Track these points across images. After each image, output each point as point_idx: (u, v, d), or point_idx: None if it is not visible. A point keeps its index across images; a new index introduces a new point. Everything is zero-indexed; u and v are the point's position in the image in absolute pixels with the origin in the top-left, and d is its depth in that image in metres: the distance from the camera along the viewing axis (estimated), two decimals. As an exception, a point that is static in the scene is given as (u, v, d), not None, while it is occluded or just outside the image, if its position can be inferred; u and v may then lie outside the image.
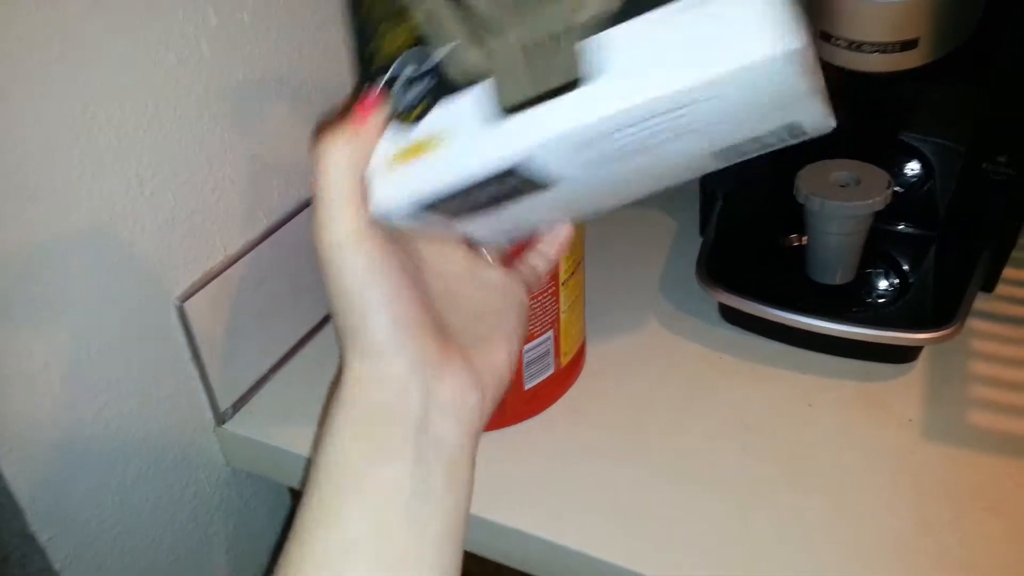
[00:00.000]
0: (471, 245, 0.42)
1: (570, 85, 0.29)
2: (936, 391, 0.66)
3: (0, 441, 0.51)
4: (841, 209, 0.64)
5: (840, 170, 0.67)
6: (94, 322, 0.55)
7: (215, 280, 0.63)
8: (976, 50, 0.60)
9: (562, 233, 0.43)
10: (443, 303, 0.39)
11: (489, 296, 0.41)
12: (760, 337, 0.70)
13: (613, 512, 0.58)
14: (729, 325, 0.72)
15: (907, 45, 0.57)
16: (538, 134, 0.30)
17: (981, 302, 0.71)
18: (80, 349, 0.55)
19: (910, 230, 0.76)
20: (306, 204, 0.71)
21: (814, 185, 0.65)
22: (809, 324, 0.65)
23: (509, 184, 0.33)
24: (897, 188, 0.65)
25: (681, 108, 0.29)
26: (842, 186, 0.66)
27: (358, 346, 0.35)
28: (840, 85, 0.66)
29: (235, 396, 0.68)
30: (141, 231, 0.57)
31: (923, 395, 0.65)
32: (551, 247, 0.43)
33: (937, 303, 0.68)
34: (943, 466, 0.60)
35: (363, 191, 0.34)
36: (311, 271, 0.72)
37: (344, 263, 0.34)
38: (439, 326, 0.37)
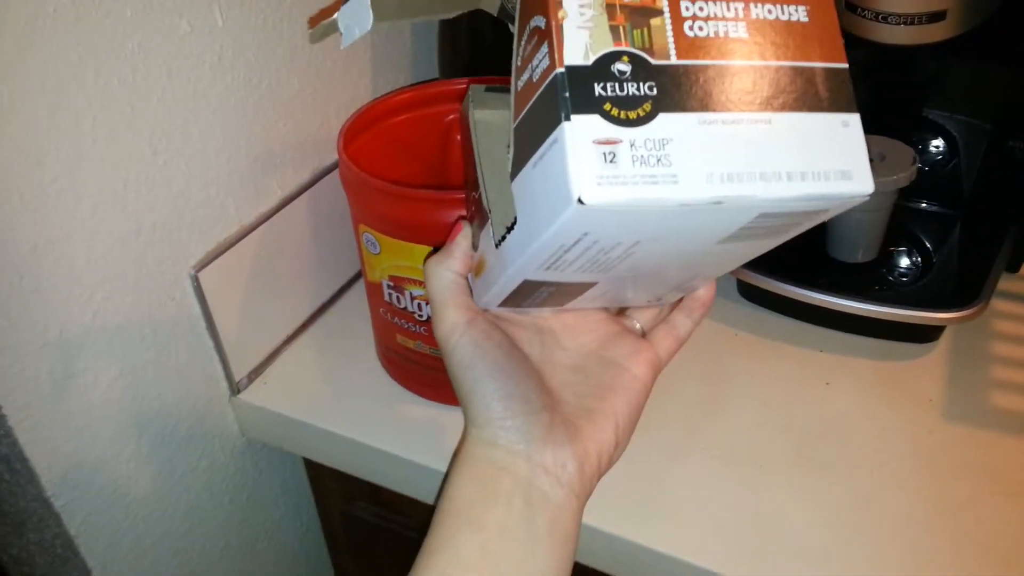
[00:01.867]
0: (620, 311, 0.47)
1: (511, 227, 0.36)
2: (958, 372, 0.65)
3: (15, 408, 0.52)
4: (863, 185, 0.63)
5: (864, 146, 0.65)
6: (108, 291, 0.55)
7: (230, 251, 0.63)
8: (1004, 26, 0.58)
9: (702, 295, 0.46)
10: (563, 376, 0.43)
11: (610, 373, 0.44)
12: (779, 315, 0.70)
13: (626, 488, 0.57)
14: (748, 302, 0.72)
15: (934, 17, 0.56)
16: (511, 262, 0.37)
17: (1005, 282, 0.70)
18: (94, 318, 0.55)
19: (934, 208, 0.74)
20: (321, 176, 0.70)
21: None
22: (829, 302, 0.64)
23: (531, 288, 0.40)
24: (921, 165, 0.63)
25: (573, 244, 0.35)
26: (865, 162, 0.64)
27: (471, 416, 0.41)
28: (865, 58, 0.65)
29: (250, 367, 0.68)
30: (155, 200, 0.57)
31: (944, 375, 0.64)
32: (692, 310, 0.46)
33: (960, 283, 0.67)
34: (963, 447, 0.59)
35: (463, 290, 0.43)
36: (326, 243, 0.72)
37: (454, 349, 0.41)
38: (549, 399, 0.42)
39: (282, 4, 0.62)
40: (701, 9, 0.34)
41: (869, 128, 0.66)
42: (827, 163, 0.33)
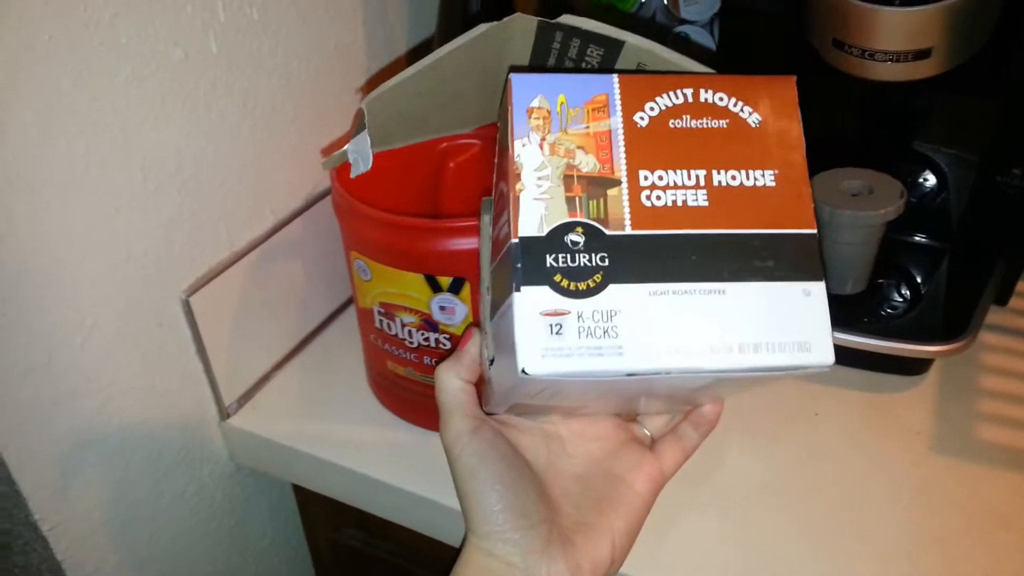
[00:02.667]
0: (628, 418, 0.47)
1: (492, 361, 0.39)
2: (946, 404, 0.65)
3: (3, 431, 0.52)
4: (853, 218, 0.63)
5: (852, 179, 0.66)
6: (98, 315, 0.55)
7: (221, 275, 0.63)
8: (990, 61, 0.59)
9: (708, 412, 0.46)
10: (565, 486, 0.44)
11: (611, 487, 0.44)
12: (768, 345, 0.70)
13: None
14: (737, 332, 0.72)
15: (921, 55, 0.56)
16: (500, 386, 0.39)
17: (994, 315, 0.70)
18: (83, 343, 0.55)
19: (923, 241, 0.75)
20: (314, 201, 0.71)
21: (825, 193, 0.65)
22: (818, 334, 0.64)
23: (529, 405, 0.41)
24: (910, 198, 0.64)
25: (541, 390, 0.36)
26: (854, 195, 0.65)
27: (471, 523, 0.42)
28: (854, 92, 0.65)
29: (240, 391, 0.68)
30: (146, 225, 0.57)
31: (932, 408, 0.65)
32: (699, 425, 0.46)
33: (949, 315, 0.67)
34: (951, 480, 0.59)
35: (470, 397, 0.43)
36: (318, 268, 0.72)
37: (458, 457, 0.42)
38: (548, 511, 0.42)
39: (278, 31, 0.62)
40: (660, 178, 0.35)
41: (858, 161, 0.67)
42: (783, 334, 0.34)
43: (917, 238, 0.75)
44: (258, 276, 0.67)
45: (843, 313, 0.67)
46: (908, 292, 0.71)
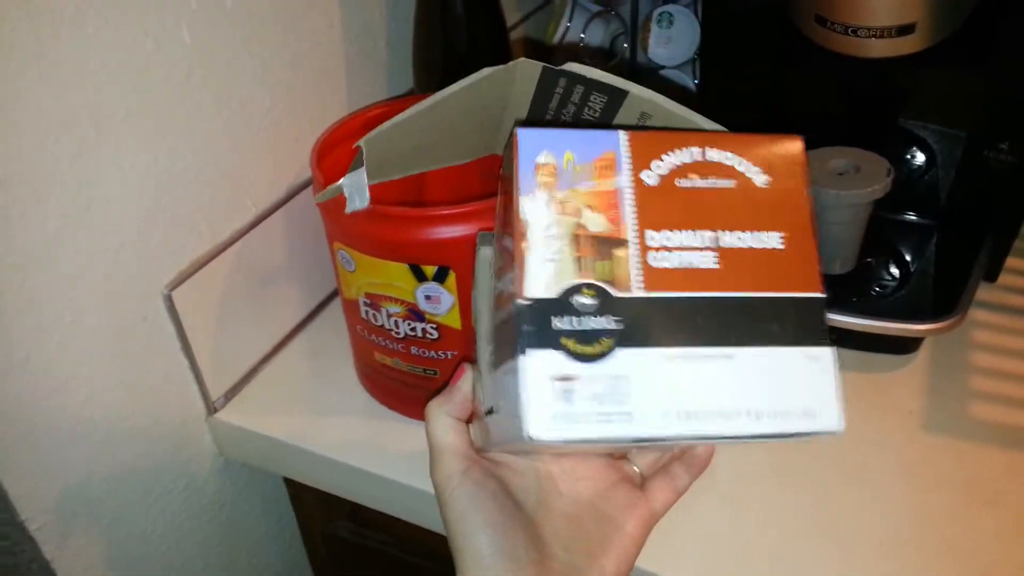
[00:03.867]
0: (617, 455, 0.46)
1: (490, 411, 0.39)
2: (937, 382, 0.65)
3: (-14, 431, 0.51)
4: (839, 197, 0.63)
5: (839, 158, 0.65)
6: (77, 313, 0.55)
7: (203, 269, 0.62)
8: (975, 35, 0.58)
9: (701, 454, 0.46)
10: (555, 526, 0.43)
11: (603, 529, 0.43)
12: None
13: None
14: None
15: (904, 30, 0.56)
16: (495, 435, 0.39)
17: (983, 292, 0.70)
18: (63, 341, 0.54)
19: (911, 219, 0.74)
20: (295, 192, 0.70)
21: (812, 172, 0.64)
22: (807, 314, 0.64)
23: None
24: (897, 176, 0.63)
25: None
26: (840, 174, 0.64)
27: (461, 565, 0.41)
28: (838, 70, 0.65)
29: (227, 385, 0.68)
30: (123, 220, 0.56)
31: (924, 386, 0.64)
32: (691, 466, 0.46)
33: (938, 293, 0.67)
34: (943, 458, 0.59)
35: (462, 435, 0.44)
36: (302, 260, 0.72)
37: (448, 499, 0.42)
38: (538, 553, 0.41)
39: (251, 20, 0.61)
40: (668, 239, 0.34)
41: (844, 140, 0.67)
42: (790, 401, 0.33)
43: (905, 216, 0.74)
44: (241, 269, 0.66)
45: (832, 293, 0.66)
46: (897, 270, 0.70)
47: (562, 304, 0.33)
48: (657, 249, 0.34)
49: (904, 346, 0.66)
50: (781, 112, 0.72)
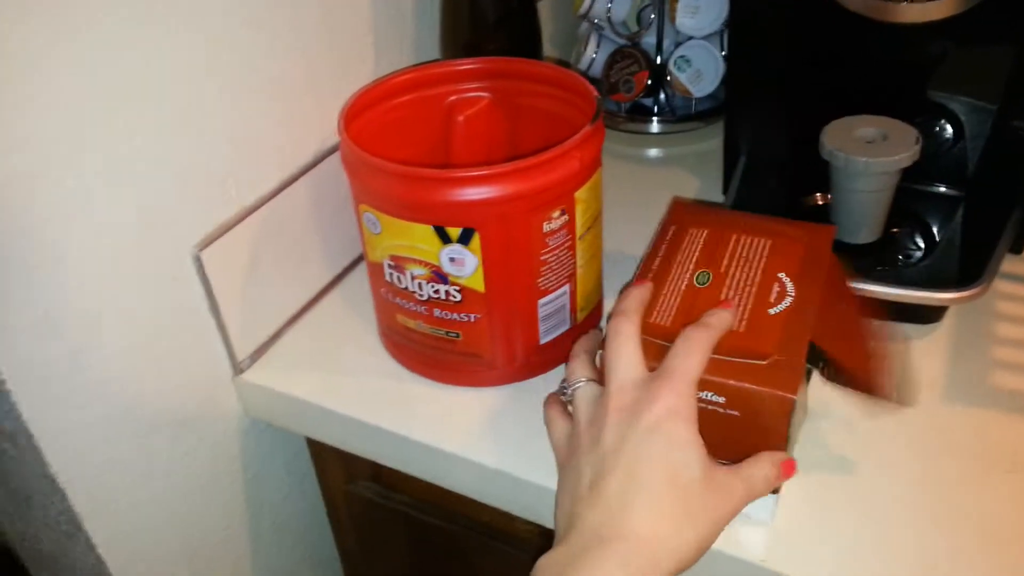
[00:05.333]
0: None
1: None
2: (960, 352, 0.64)
3: (18, 385, 0.52)
4: (867, 165, 0.63)
5: (866, 126, 0.65)
6: (108, 270, 0.56)
7: (231, 231, 0.63)
8: (1007, 3, 0.58)
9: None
10: None
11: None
12: (780, 296, 0.69)
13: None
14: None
15: (936, -7, 0.55)
16: None
17: (1009, 264, 0.69)
18: (94, 297, 0.55)
19: (938, 189, 0.74)
20: (322, 158, 0.70)
21: (839, 141, 0.64)
22: (831, 283, 0.64)
23: None
24: (925, 147, 0.63)
25: None
26: (868, 142, 0.64)
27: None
28: (868, 38, 0.64)
29: (253, 346, 0.69)
30: (155, 179, 0.57)
31: (947, 355, 0.64)
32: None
33: (964, 263, 0.67)
34: (965, 427, 0.59)
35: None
36: (328, 224, 0.72)
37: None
38: None
39: (283, -17, 0.62)
40: None
41: (873, 109, 0.66)
42: None
43: (932, 187, 0.74)
44: (268, 232, 0.67)
45: (857, 261, 0.66)
46: (923, 241, 0.70)
47: None
48: None
49: (928, 315, 0.66)
50: (809, 82, 0.72)
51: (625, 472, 0.44)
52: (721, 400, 0.48)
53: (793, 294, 0.49)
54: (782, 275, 0.51)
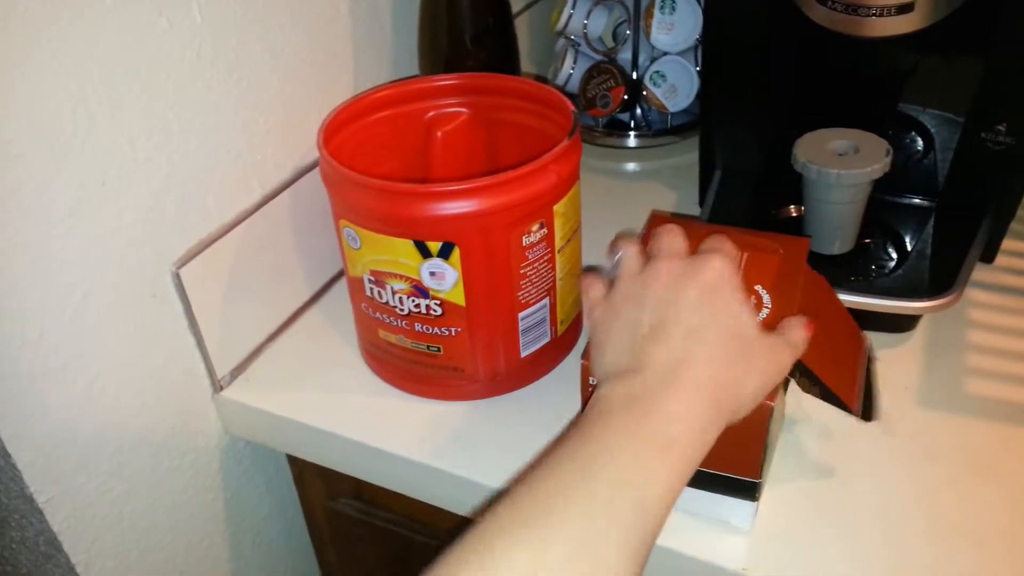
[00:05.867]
0: None
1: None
2: (934, 360, 0.66)
3: (-3, 404, 0.52)
4: (839, 177, 0.64)
5: (838, 138, 0.66)
6: (87, 289, 0.55)
7: (211, 247, 0.63)
8: (973, 17, 0.59)
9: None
10: None
11: None
12: (757, 307, 0.70)
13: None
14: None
15: (903, 8, 0.56)
16: None
17: (980, 272, 0.71)
18: (73, 316, 0.55)
19: (909, 200, 0.75)
20: (302, 173, 0.71)
21: (811, 153, 0.65)
22: (806, 293, 0.65)
23: None
24: (896, 159, 0.64)
25: None
26: (840, 154, 0.65)
27: None
28: (838, 52, 0.66)
29: (233, 363, 0.69)
30: (135, 196, 0.57)
31: (921, 364, 0.65)
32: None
33: (936, 273, 0.68)
34: (939, 434, 0.60)
35: None
36: (308, 239, 0.72)
37: None
38: None
39: (260, 1, 0.62)
40: None
41: (844, 122, 0.68)
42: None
43: (903, 198, 0.75)
44: (248, 248, 0.67)
45: (831, 272, 0.67)
46: (895, 251, 0.71)
47: None
48: None
49: (902, 324, 0.67)
50: (782, 95, 0.73)
51: (687, 325, 0.44)
52: None
53: (770, 306, 0.50)
54: (759, 287, 0.51)
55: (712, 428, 0.43)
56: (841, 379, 0.53)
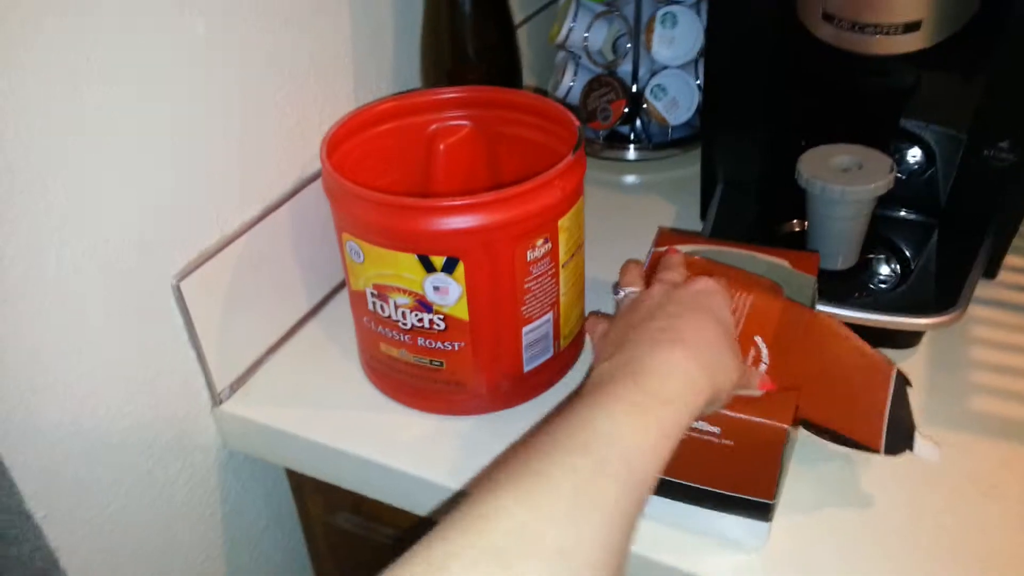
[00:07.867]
0: None
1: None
2: (936, 376, 0.65)
3: (-5, 420, 0.51)
4: (843, 193, 0.64)
5: (842, 154, 0.66)
6: (83, 302, 0.55)
7: (212, 260, 0.63)
8: (977, 35, 0.59)
9: None
10: None
11: None
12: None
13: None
14: (729, 310, 0.72)
15: (910, 27, 0.56)
16: None
17: (983, 289, 0.71)
18: (71, 329, 0.54)
19: (912, 216, 0.75)
20: (303, 185, 0.70)
21: (816, 169, 0.65)
22: (809, 309, 0.65)
23: None
24: (899, 174, 0.64)
25: None
26: (844, 170, 0.65)
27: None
28: (842, 69, 0.66)
29: (232, 377, 0.68)
30: (135, 208, 0.56)
31: (923, 380, 0.65)
32: None
33: (939, 289, 0.68)
34: (944, 451, 0.59)
35: None
36: (309, 252, 0.72)
37: None
38: None
39: (263, 14, 0.62)
40: None
41: (847, 138, 0.68)
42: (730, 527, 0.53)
43: (906, 214, 0.75)
44: (249, 260, 0.66)
45: (834, 288, 0.67)
46: (898, 267, 0.71)
47: None
48: None
49: (905, 340, 0.67)
50: (785, 110, 0.73)
51: (674, 311, 0.48)
52: (716, 430, 0.48)
53: (767, 362, 0.50)
54: (758, 339, 0.51)
55: (701, 381, 0.44)
56: (853, 421, 0.52)
